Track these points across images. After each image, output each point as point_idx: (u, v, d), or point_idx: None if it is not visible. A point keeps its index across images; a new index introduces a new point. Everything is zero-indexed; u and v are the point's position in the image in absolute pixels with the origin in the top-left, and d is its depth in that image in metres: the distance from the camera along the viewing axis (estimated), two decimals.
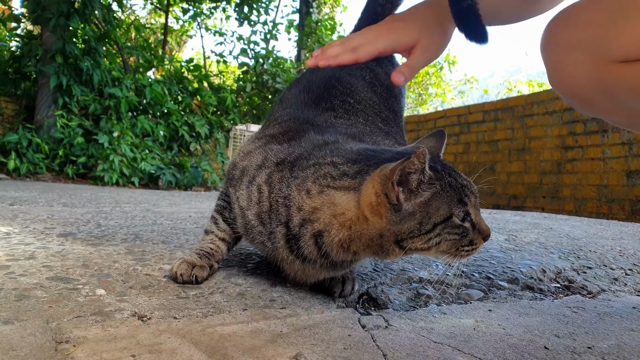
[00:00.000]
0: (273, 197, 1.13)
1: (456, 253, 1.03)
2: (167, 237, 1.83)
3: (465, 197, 1.01)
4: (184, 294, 1.13)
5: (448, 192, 1.00)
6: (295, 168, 1.13)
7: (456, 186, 1.01)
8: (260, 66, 9.21)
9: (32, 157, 6.21)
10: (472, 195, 1.04)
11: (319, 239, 1.07)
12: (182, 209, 3.08)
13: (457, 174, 1.05)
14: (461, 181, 1.03)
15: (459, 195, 1.01)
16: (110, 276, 1.21)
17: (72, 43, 6.75)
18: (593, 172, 5.57)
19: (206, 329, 0.94)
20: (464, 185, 1.03)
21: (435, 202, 0.99)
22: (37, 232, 1.74)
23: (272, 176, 1.15)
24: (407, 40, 1.45)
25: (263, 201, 1.15)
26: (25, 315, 0.92)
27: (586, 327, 1.17)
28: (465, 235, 1.01)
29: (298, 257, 1.12)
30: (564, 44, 1.16)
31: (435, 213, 0.99)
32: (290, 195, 1.09)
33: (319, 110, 1.38)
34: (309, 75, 1.54)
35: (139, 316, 0.97)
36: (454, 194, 1.00)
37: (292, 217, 1.09)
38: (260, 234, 1.18)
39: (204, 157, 7.85)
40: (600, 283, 1.66)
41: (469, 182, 1.06)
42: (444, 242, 1.00)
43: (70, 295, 1.05)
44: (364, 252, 1.06)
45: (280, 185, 1.13)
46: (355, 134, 1.29)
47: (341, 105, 1.42)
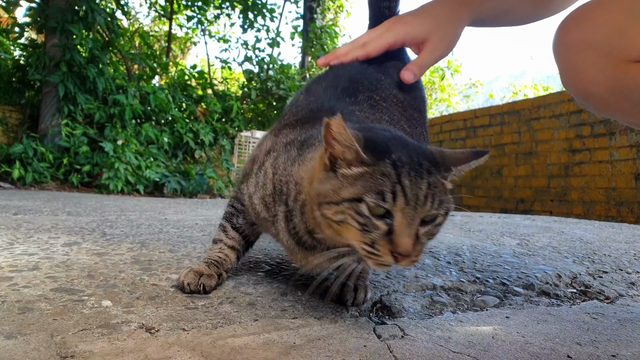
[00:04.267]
0: (277, 177, 1.13)
1: (358, 247, 0.93)
2: (174, 246, 1.79)
3: (391, 195, 0.88)
4: (193, 304, 1.10)
5: (374, 179, 0.90)
6: (304, 147, 1.12)
7: (390, 182, 0.89)
8: (265, 72, 9.21)
9: (37, 166, 6.21)
10: (408, 203, 0.89)
11: (303, 210, 1.06)
12: (188, 217, 3.05)
13: (416, 179, 0.90)
14: (406, 183, 0.89)
15: (385, 189, 0.89)
16: (116, 287, 1.18)
17: (76, 51, 6.77)
18: (601, 175, 5.51)
19: (216, 341, 0.90)
20: (406, 188, 0.89)
21: (356, 181, 0.92)
22: (41, 242, 1.72)
23: (279, 157, 1.16)
24: (417, 34, 1.42)
25: (267, 183, 1.15)
26: (28, 328, 0.89)
27: (608, 334, 1.13)
28: (368, 231, 0.90)
29: (294, 239, 1.11)
30: (577, 45, 1.13)
31: (349, 188, 0.93)
32: (292, 172, 1.10)
33: (343, 104, 1.35)
34: (337, 70, 1.52)
35: (146, 328, 0.94)
36: (378, 184, 0.90)
37: (290, 192, 1.09)
38: (266, 220, 1.17)
39: (209, 165, 7.83)
40: (617, 288, 1.62)
41: (420, 194, 0.90)
42: (346, 224, 0.91)
43: (75, 307, 1.02)
44: (313, 224, 1.04)
45: (285, 164, 1.13)
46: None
47: (366, 100, 1.38)
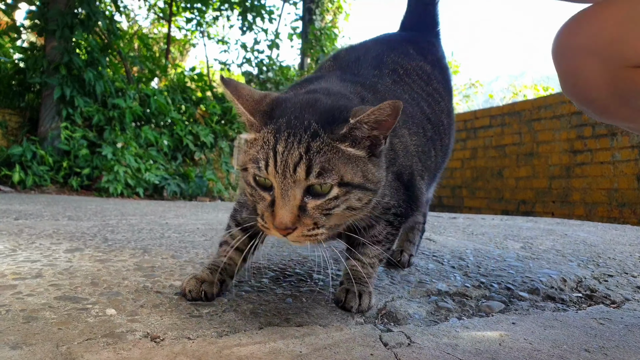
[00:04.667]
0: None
1: (258, 213, 0.96)
2: (176, 251, 1.78)
3: (264, 163, 0.88)
4: (197, 312, 1.09)
5: (258, 146, 0.91)
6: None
7: (267, 149, 0.88)
8: (264, 74, 9.21)
9: (37, 169, 6.19)
10: (277, 171, 0.87)
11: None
12: (189, 221, 3.04)
13: (291, 145, 0.87)
14: (279, 150, 0.87)
15: (261, 156, 0.89)
16: (120, 294, 1.17)
17: (75, 54, 6.76)
18: (603, 176, 5.50)
19: (222, 350, 0.89)
20: (277, 154, 0.87)
21: (249, 148, 0.93)
22: (43, 248, 1.70)
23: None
24: None
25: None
26: (34, 338, 0.88)
27: (616, 340, 1.12)
28: (255, 200, 0.94)
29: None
30: (577, 50, 1.13)
31: (243, 155, 0.96)
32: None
33: (366, 75, 1.35)
34: (369, 41, 1.57)
35: (151, 337, 0.93)
36: (259, 152, 0.90)
37: None
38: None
39: (208, 167, 7.82)
40: (623, 292, 1.61)
41: (290, 160, 0.86)
42: (246, 191, 0.97)
43: (79, 315, 1.01)
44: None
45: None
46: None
47: (389, 74, 1.39)
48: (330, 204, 0.89)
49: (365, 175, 0.92)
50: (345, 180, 0.88)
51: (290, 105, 0.94)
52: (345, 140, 0.89)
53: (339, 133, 0.89)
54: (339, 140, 0.89)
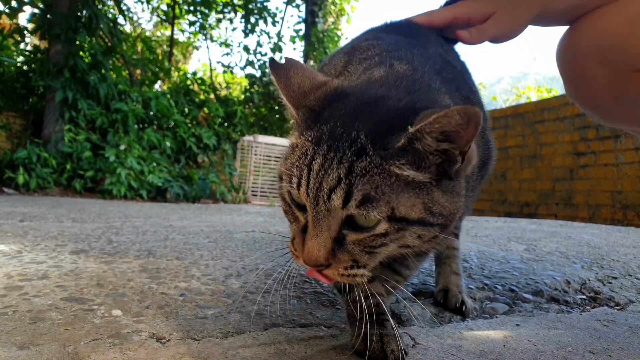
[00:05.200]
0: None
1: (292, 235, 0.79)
2: (181, 253, 1.79)
3: (297, 180, 0.71)
4: (202, 313, 1.10)
5: (296, 155, 0.73)
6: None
7: (303, 162, 0.70)
8: (267, 76, 9.23)
9: (40, 171, 6.22)
10: (308, 194, 0.69)
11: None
12: (193, 223, 3.05)
13: (330, 162, 0.68)
14: (314, 167, 0.69)
15: (295, 170, 0.71)
16: (125, 295, 1.18)
17: (79, 57, 6.79)
18: (606, 178, 5.49)
19: (228, 351, 0.90)
20: (312, 173, 0.69)
21: (290, 154, 0.75)
22: (48, 250, 1.71)
23: None
24: (484, 9, 1.28)
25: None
26: (40, 339, 0.89)
27: (620, 342, 1.12)
28: (290, 220, 0.78)
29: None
30: (581, 55, 1.13)
31: (282, 162, 0.78)
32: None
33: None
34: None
35: (157, 338, 0.93)
36: (294, 163, 0.72)
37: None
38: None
39: (211, 169, 7.83)
40: (627, 294, 1.61)
41: (325, 184, 0.67)
42: (281, 204, 0.81)
43: (85, 316, 1.02)
44: None
45: None
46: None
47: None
48: (375, 241, 0.70)
49: (429, 208, 0.68)
50: (398, 214, 0.67)
51: (345, 104, 0.72)
52: (403, 156, 0.67)
53: (395, 147, 0.67)
54: (393, 158, 0.67)
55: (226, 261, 1.68)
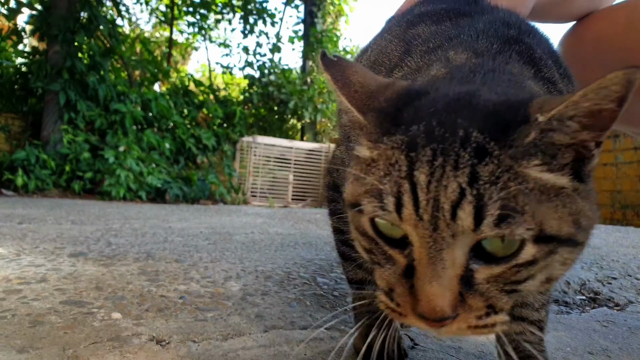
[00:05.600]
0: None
1: (377, 284, 0.58)
2: (180, 255, 1.79)
3: (393, 200, 0.50)
4: (202, 315, 1.09)
5: (379, 169, 0.53)
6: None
7: (396, 175, 0.51)
8: (266, 77, 9.24)
9: (39, 173, 6.21)
10: (421, 216, 0.49)
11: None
12: (192, 225, 3.05)
13: (444, 169, 0.48)
14: (421, 179, 0.49)
15: (386, 188, 0.51)
16: (125, 298, 1.18)
17: (77, 58, 6.79)
18: (606, 178, 5.50)
19: (227, 353, 0.90)
20: (418, 186, 0.49)
21: (364, 171, 0.55)
22: (47, 252, 1.71)
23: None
24: None
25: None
26: (40, 342, 0.89)
27: (619, 342, 1.13)
28: (379, 264, 0.56)
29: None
30: (580, 58, 1.14)
31: (352, 183, 0.58)
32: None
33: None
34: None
35: (157, 341, 0.93)
36: (380, 180, 0.52)
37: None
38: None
39: (211, 170, 7.82)
40: (627, 294, 1.62)
41: (445, 198, 0.48)
42: (357, 242, 0.59)
43: (85, 320, 1.02)
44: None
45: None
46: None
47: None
48: (520, 273, 0.50)
49: (577, 220, 0.51)
50: (548, 232, 0.49)
51: (429, 102, 0.54)
52: (534, 155, 0.49)
53: (524, 142, 0.49)
54: (524, 158, 0.49)
55: (225, 263, 1.68)
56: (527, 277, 0.51)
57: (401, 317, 0.53)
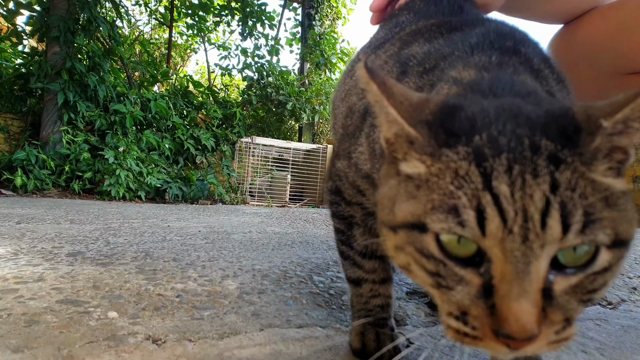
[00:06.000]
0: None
1: (442, 318, 0.54)
2: (178, 254, 1.80)
3: (473, 214, 0.47)
4: (198, 314, 1.10)
5: (443, 183, 0.50)
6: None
7: (471, 188, 0.48)
8: (265, 79, 9.24)
9: (39, 173, 6.21)
10: (511, 228, 0.47)
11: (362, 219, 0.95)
12: (191, 224, 3.06)
13: (525, 178, 0.47)
14: (503, 190, 0.47)
15: (462, 202, 0.48)
16: (121, 297, 1.19)
17: (77, 59, 6.79)
18: None
19: (223, 352, 0.90)
20: (502, 198, 0.47)
21: (418, 188, 0.53)
22: (45, 252, 1.72)
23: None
24: None
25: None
26: (35, 342, 0.89)
27: (612, 341, 1.14)
28: (447, 287, 0.52)
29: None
30: (570, 59, 1.16)
31: (405, 201, 0.54)
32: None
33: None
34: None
35: (153, 340, 0.94)
36: (449, 195, 0.49)
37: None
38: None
39: (209, 170, 7.83)
40: (619, 293, 1.63)
41: (533, 208, 0.46)
42: (413, 266, 0.54)
43: (81, 319, 1.02)
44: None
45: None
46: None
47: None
48: (597, 281, 0.50)
49: (635, 221, 0.52)
50: (621, 236, 0.49)
51: (480, 112, 0.52)
52: (598, 160, 0.49)
53: (590, 148, 0.49)
54: (592, 163, 0.49)
55: (223, 262, 1.68)
56: (603, 284, 0.51)
57: (477, 342, 0.50)
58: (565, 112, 0.51)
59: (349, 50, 10.38)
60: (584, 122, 0.49)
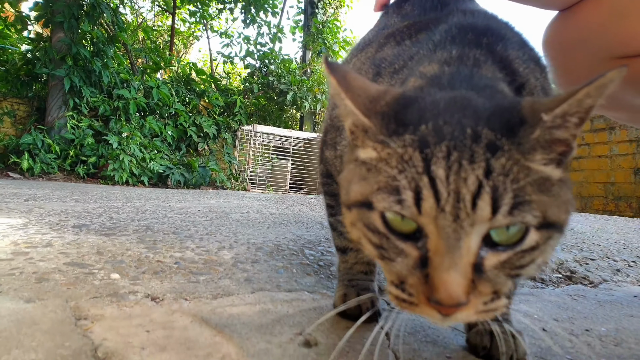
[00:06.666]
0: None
1: (387, 278, 0.61)
2: (177, 229, 1.88)
3: (411, 194, 0.53)
4: (195, 278, 1.18)
5: (389, 167, 0.56)
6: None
7: (412, 171, 0.54)
8: (268, 66, 9.27)
9: (44, 157, 6.31)
10: (443, 208, 0.53)
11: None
12: (191, 205, 3.14)
13: (460, 164, 0.53)
14: (439, 173, 0.53)
15: (403, 184, 0.54)
16: (123, 262, 1.27)
17: (81, 45, 6.85)
18: (600, 170, 5.55)
19: (216, 309, 0.98)
20: (437, 180, 0.53)
21: (369, 171, 0.59)
22: (52, 224, 1.80)
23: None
24: None
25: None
26: (45, 295, 0.97)
27: (586, 313, 1.20)
28: (389, 258, 0.58)
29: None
30: (565, 43, 1.20)
31: (357, 182, 0.61)
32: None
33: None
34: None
35: (151, 298, 1.02)
36: (393, 177, 0.55)
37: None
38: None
39: (211, 157, 7.92)
40: (602, 274, 1.69)
41: (465, 190, 0.52)
42: (363, 239, 0.61)
43: (86, 278, 1.10)
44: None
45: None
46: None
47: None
48: (524, 258, 0.56)
49: (566, 208, 0.58)
50: (549, 219, 0.55)
51: (428, 105, 0.59)
52: (537, 150, 0.55)
53: (529, 138, 0.55)
54: (530, 152, 0.55)
55: (220, 236, 1.76)
56: (530, 261, 0.56)
57: (412, 307, 0.56)
58: (513, 106, 0.57)
59: (352, 39, 10.38)
60: (528, 115, 0.55)
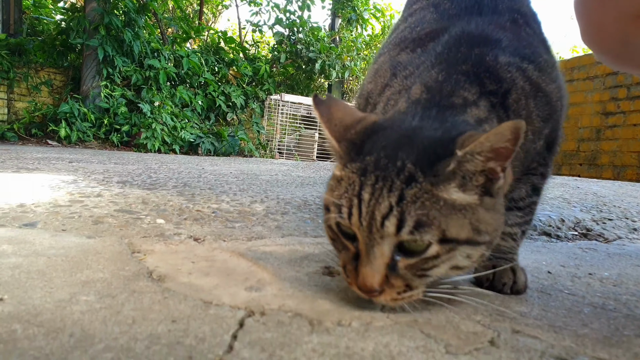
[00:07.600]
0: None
1: (340, 262, 0.82)
2: (212, 186, 2.01)
3: (347, 210, 0.72)
4: (230, 225, 1.31)
5: (343, 186, 0.74)
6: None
7: (351, 193, 0.72)
8: (296, 35, 9.24)
9: (80, 125, 6.58)
10: (361, 222, 0.70)
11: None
12: (223, 168, 3.29)
13: (380, 191, 0.70)
14: (364, 197, 0.70)
15: (344, 201, 0.73)
16: (166, 211, 1.40)
17: (114, 15, 7.00)
18: (634, 139, 5.43)
19: (251, 248, 1.11)
20: (362, 202, 0.70)
21: (334, 185, 0.77)
22: (98, 180, 1.97)
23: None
24: None
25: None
26: (102, 234, 1.12)
27: (593, 262, 1.27)
28: (338, 249, 0.80)
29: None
30: (594, 3, 1.24)
31: (327, 192, 0.79)
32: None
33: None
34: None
35: (194, 238, 1.15)
36: (342, 194, 0.73)
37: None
38: None
39: (240, 127, 8.06)
40: (618, 232, 1.74)
41: (377, 211, 0.69)
42: (328, 233, 0.82)
43: (135, 222, 1.24)
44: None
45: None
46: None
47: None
48: (427, 263, 0.71)
49: (476, 227, 0.72)
50: (448, 236, 0.69)
51: (384, 137, 0.75)
52: (452, 180, 0.70)
53: (445, 171, 0.69)
54: (442, 183, 0.69)
55: (251, 192, 1.89)
56: (433, 266, 0.72)
57: (351, 286, 0.76)
58: (448, 141, 0.71)
59: (382, 6, 10.20)
60: (456, 149, 0.69)
